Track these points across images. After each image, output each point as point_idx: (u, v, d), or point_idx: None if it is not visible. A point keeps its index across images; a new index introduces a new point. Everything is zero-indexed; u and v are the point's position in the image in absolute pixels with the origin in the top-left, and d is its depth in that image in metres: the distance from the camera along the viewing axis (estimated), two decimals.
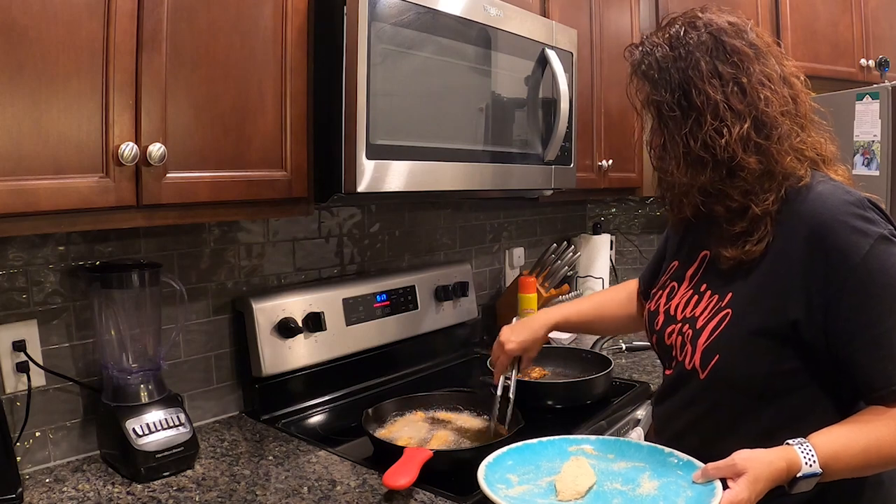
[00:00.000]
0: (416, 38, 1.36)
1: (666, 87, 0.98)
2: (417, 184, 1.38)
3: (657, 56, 0.99)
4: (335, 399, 1.69)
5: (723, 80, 0.95)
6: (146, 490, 1.20)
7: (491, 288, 2.39)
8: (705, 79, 0.95)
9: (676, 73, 0.97)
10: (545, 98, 1.72)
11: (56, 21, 0.95)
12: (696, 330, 1.03)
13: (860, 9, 2.67)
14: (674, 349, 1.08)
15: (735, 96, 0.94)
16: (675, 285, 1.13)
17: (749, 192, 0.96)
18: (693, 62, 0.96)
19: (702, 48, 0.96)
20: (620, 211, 2.89)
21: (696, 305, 1.05)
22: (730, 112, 0.94)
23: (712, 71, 0.95)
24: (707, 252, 1.08)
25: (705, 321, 1.01)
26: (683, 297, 1.09)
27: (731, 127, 0.93)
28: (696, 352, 1.02)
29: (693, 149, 0.96)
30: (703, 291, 1.05)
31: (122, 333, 1.29)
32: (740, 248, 0.97)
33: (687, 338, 1.04)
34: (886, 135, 2.20)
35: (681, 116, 0.97)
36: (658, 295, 1.17)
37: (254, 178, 1.23)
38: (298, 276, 1.73)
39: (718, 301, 1.01)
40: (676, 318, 1.08)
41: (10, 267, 1.24)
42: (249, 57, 1.20)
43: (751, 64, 0.95)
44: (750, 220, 0.96)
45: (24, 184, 0.94)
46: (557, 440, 1.11)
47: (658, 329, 1.13)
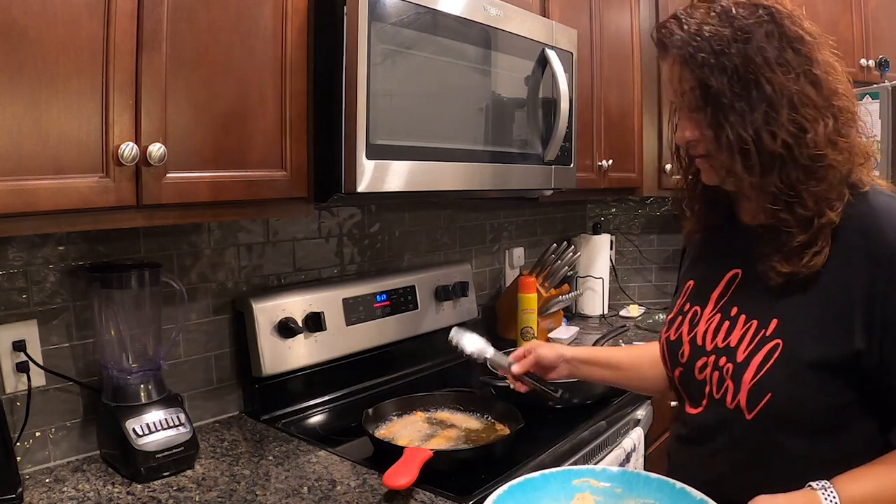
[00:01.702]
0: (416, 38, 1.36)
1: (724, 73, 0.83)
2: (417, 184, 1.38)
3: (706, 34, 0.84)
4: (335, 399, 1.69)
5: (792, 68, 0.83)
6: (146, 490, 1.20)
7: (491, 288, 2.39)
8: (773, 65, 0.82)
9: (737, 56, 0.83)
10: (545, 98, 1.72)
11: (56, 21, 0.95)
12: (737, 364, 0.90)
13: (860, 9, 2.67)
14: (707, 385, 0.95)
15: (810, 88, 0.83)
16: (698, 309, 1.01)
17: (825, 198, 0.84)
18: (756, 44, 0.82)
19: (760, 30, 0.83)
20: (620, 211, 2.89)
21: (730, 333, 0.93)
22: (809, 105, 0.82)
23: (778, 57, 0.83)
24: (738, 271, 0.96)
25: (748, 353, 0.89)
26: (710, 322, 0.97)
27: (813, 121, 0.82)
28: (740, 389, 0.89)
29: (766, 143, 0.83)
30: (735, 316, 0.94)
31: (122, 333, 1.29)
32: (797, 262, 0.85)
33: (726, 373, 0.92)
34: (886, 135, 2.20)
35: (745, 107, 0.83)
36: (677, 321, 1.05)
37: (254, 178, 1.23)
38: (298, 276, 1.73)
39: (760, 328, 0.89)
40: (706, 349, 0.96)
41: (10, 267, 1.24)
42: (249, 57, 1.20)
43: (816, 52, 0.85)
44: (815, 231, 0.84)
45: (24, 184, 0.94)
46: (560, 472, 1.01)
47: (685, 362, 1.00)
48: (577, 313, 2.66)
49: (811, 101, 0.83)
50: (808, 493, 0.82)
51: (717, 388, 0.94)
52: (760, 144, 0.83)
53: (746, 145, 0.84)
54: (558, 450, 1.40)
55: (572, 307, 2.65)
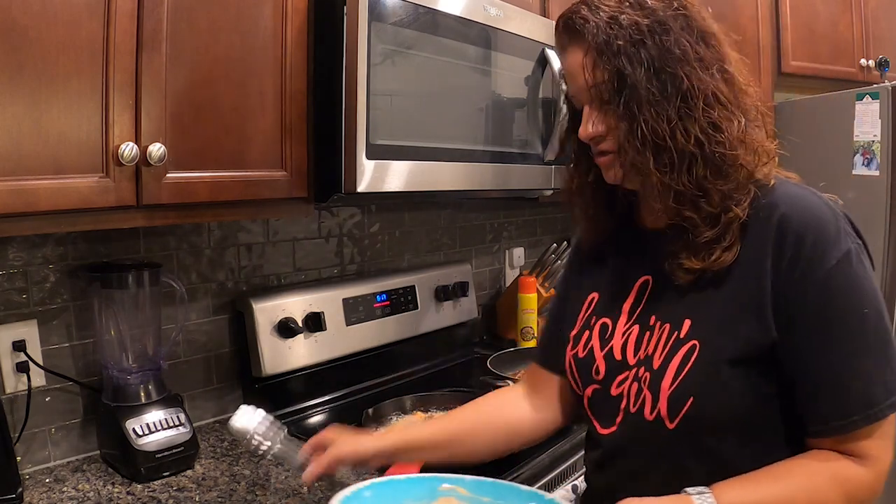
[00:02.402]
0: (416, 38, 1.36)
1: (641, 63, 0.79)
2: (417, 184, 1.38)
3: (623, 23, 0.80)
4: (335, 399, 1.69)
5: (706, 63, 0.80)
6: (146, 490, 1.20)
7: (491, 288, 2.39)
8: (690, 59, 0.79)
9: (655, 47, 0.79)
10: (545, 98, 1.71)
11: (56, 21, 0.95)
12: (654, 372, 0.85)
13: (860, 9, 2.68)
14: (623, 399, 0.89)
15: (723, 85, 0.81)
16: (608, 322, 0.94)
17: (731, 196, 0.81)
18: (674, 37, 0.79)
19: (677, 22, 0.80)
20: None
21: (649, 343, 0.87)
22: (722, 102, 0.80)
23: (694, 51, 0.80)
24: (647, 277, 0.91)
25: (663, 359, 0.84)
26: (627, 335, 0.90)
27: (727, 119, 0.80)
28: (658, 398, 0.84)
29: (679, 139, 0.79)
30: (654, 324, 0.88)
31: (122, 333, 1.29)
32: (706, 258, 0.82)
33: (644, 382, 0.86)
34: (886, 135, 2.20)
35: (661, 100, 0.79)
36: (584, 336, 0.96)
37: (254, 178, 1.23)
38: (298, 276, 1.73)
39: (673, 330, 0.85)
40: (629, 363, 0.89)
41: (10, 267, 1.24)
42: (249, 57, 1.20)
43: (727, 49, 0.83)
44: (722, 227, 0.81)
45: (24, 184, 0.94)
46: (429, 478, 0.92)
47: (601, 379, 0.92)
48: None
49: (724, 98, 0.80)
50: (681, 498, 0.78)
51: (633, 401, 0.88)
52: (674, 140, 0.79)
53: (660, 140, 0.80)
54: (558, 450, 1.40)
55: None
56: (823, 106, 2.44)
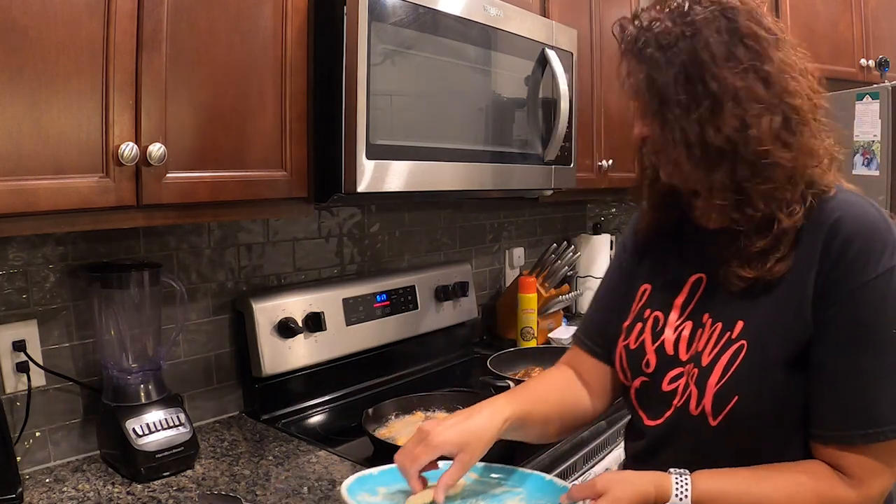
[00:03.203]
0: (416, 38, 1.36)
1: (670, 68, 0.83)
2: (417, 184, 1.38)
3: (656, 31, 0.84)
4: (335, 399, 1.69)
5: (740, 63, 0.81)
6: (146, 490, 1.20)
7: (491, 288, 2.39)
8: (719, 61, 0.81)
9: (684, 51, 0.82)
10: (545, 98, 1.72)
11: (56, 21, 0.95)
12: (702, 368, 0.87)
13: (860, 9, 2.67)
14: (675, 396, 0.91)
15: (758, 84, 0.81)
16: (660, 315, 0.96)
17: (775, 198, 0.82)
18: (703, 41, 0.81)
19: (711, 26, 0.82)
20: (620, 211, 2.89)
21: (700, 339, 0.90)
22: (754, 101, 0.81)
23: (727, 53, 0.81)
24: (701, 275, 0.93)
25: (713, 357, 0.87)
26: (679, 330, 0.93)
27: (759, 117, 0.80)
28: (704, 394, 0.86)
29: (710, 138, 0.81)
30: (706, 322, 0.90)
31: (122, 333, 1.29)
32: (759, 267, 0.83)
33: (691, 378, 0.88)
34: (886, 135, 2.20)
35: (690, 102, 0.82)
36: (637, 328, 0.99)
37: (254, 178, 1.23)
38: (298, 276, 1.73)
39: (725, 330, 0.87)
40: (681, 359, 0.91)
41: (10, 267, 1.24)
42: (249, 57, 1.20)
43: (771, 50, 0.82)
44: (775, 236, 0.83)
45: (24, 184, 0.94)
46: None
47: (650, 372, 0.95)
48: (577, 313, 2.66)
49: (757, 96, 0.81)
50: (659, 475, 0.82)
51: (680, 396, 0.90)
52: (704, 139, 0.82)
53: (693, 141, 0.83)
54: (558, 450, 1.40)
55: (572, 307, 2.65)
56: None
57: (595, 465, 1.47)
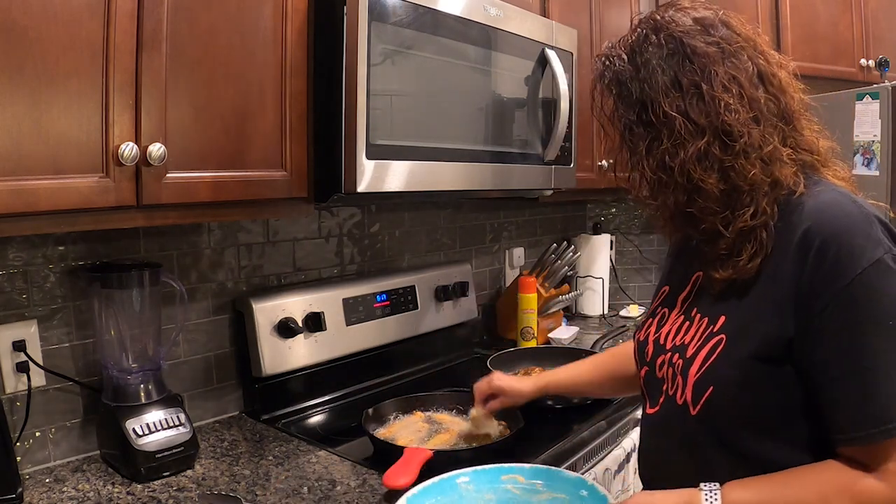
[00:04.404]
0: (417, 38, 1.36)
1: (626, 103, 0.91)
2: (417, 184, 1.38)
3: (616, 69, 0.91)
4: (335, 399, 1.69)
5: (683, 90, 0.85)
6: (146, 490, 1.20)
7: (491, 288, 2.39)
8: (662, 91, 0.86)
9: (635, 87, 0.89)
10: (545, 98, 1.72)
11: (56, 21, 0.95)
12: (686, 359, 0.91)
13: (860, 9, 2.67)
14: (664, 382, 0.96)
15: (694, 108, 0.85)
16: (667, 311, 1.03)
17: (715, 213, 0.87)
18: (650, 74, 0.87)
19: (660, 55, 0.87)
20: (620, 211, 2.89)
21: (687, 332, 0.94)
22: (687, 126, 0.85)
23: (671, 81, 0.86)
24: (699, 273, 0.97)
25: (696, 349, 0.90)
26: (675, 323, 0.98)
27: (686, 144, 0.85)
28: (686, 384, 0.90)
29: (652, 169, 0.88)
30: (694, 316, 0.95)
31: (122, 333, 1.29)
32: (730, 268, 0.88)
33: (677, 369, 0.93)
34: (886, 135, 2.20)
35: (643, 133, 0.89)
36: (648, 324, 1.06)
37: (254, 178, 1.23)
38: (298, 276, 1.73)
39: (709, 325, 0.91)
40: (666, 347, 0.97)
41: (10, 267, 1.24)
42: (249, 57, 1.20)
43: (714, 66, 0.85)
44: (732, 239, 0.87)
45: (24, 184, 0.94)
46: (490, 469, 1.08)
47: (649, 360, 1.01)
48: (577, 313, 2.66)
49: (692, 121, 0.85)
50: (690, 492, 0.84)
51: (670, 385, 0.95)
52: (648, 168, 0.89)
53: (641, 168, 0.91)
54: (558, 450, 1.40)
55: (572, 307, 2.65)
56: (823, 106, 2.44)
57: (595, 464, 1.47)
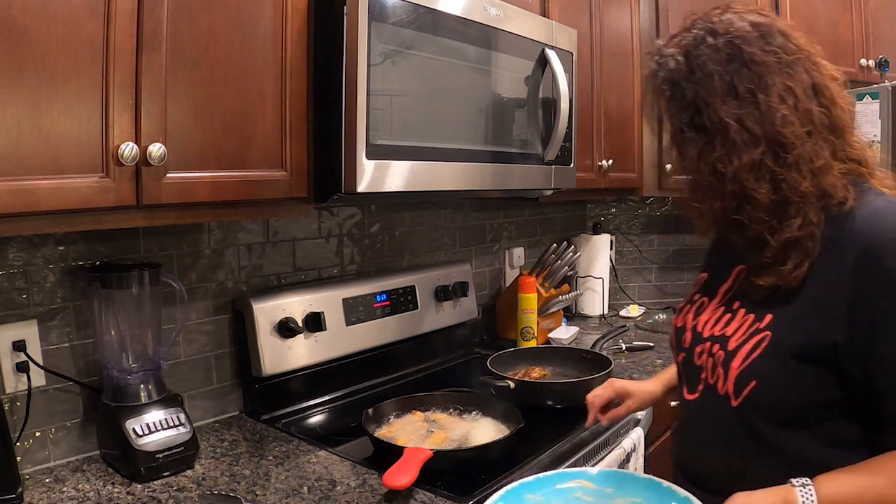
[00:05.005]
0: (417, 38, 1.36)
1: (679, 105, 0.91)
2: (417, 184, 1.38)
3: (669, 68, 0.91)
4: (335, 399, 1.69)
5: (739, 97, 0.86)
6: (146, 490, 1.20)
7: (491, 288, 2.39)
8: (718, 97, 0.87)
9: (689, 90, 0.89)
10: (545, 98, 1.72)
11: (56, 21, 0.95)
12: (728, 352, 0.94)
13: (860, 9, 2.67)
14: (703, 370, 0.99)
15: (750, 116, 0.86)
16: (706, 301, 1.05)
17: (763, 222, 0.88)
18: (706, 77, 0.87)
19: (717, 59, 0.87)
20: (620, 211, 2.89)
21: (728, 325, 0.97)
22: (742, 135, 0.86)
23: (727, 87, 0.86)
24: (744, 267, 0.98)
25: (739, 343, 0.93)
26: (714, 313, 1.01)
27: (741, 153, 0.86)
28: (728, 376, 0.93)
29: (704, 174, 0.89)
30: (737, 310, 0.97)
31: (122, 333, 1.29)
32: (774, 276, 0.89)
33: (718, 360, 0.96)
34: (886, 135, 2.20)
35: (695, 137, 0.90)
36: (686, 310, 1.08)
37: (254, 178, 1.23)
38: (298, 276, 1.73)
39: (755, 322, 0.92)
40: (703, 336, 1.00)
41: (10, 267, 1.24)
42: (249, 57, 1.20)
43: (772, 76, 0.86)
44: (777, 249, 0.88)
45: (24, 184, 0.94)
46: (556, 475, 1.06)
47: (687, 347, 1.04)
48: (577, 313, 2.66)
49: (748, 130, 0.86)
50: (785, 490, 0.85)
51: (711, 374, 0.98)
52: (700, 172, 0.91)
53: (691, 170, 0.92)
54: (558, 450, 1.40)
55: (572, 307, 2.65)
56: None
57: (595, 464, 1.47)
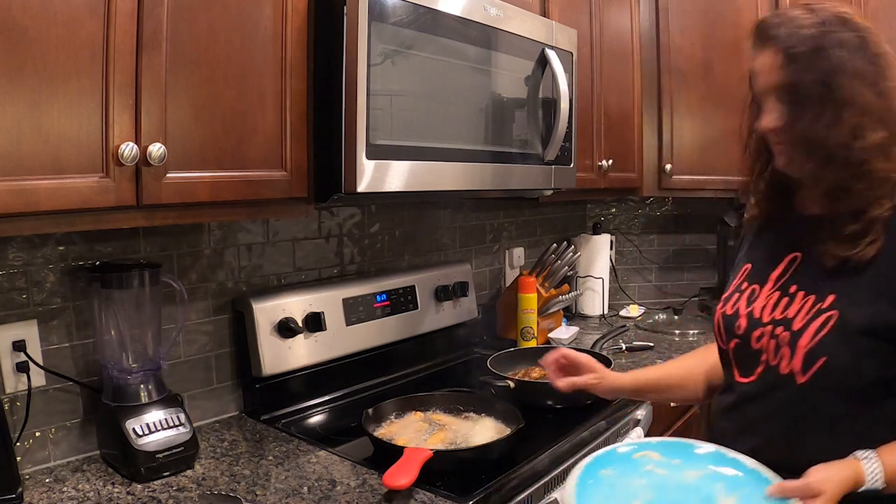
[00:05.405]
0: (417, 38, 1.36)
1: (812, 71, 0.94)
2: (417, 184, 1.38)
3: (806, 35, 0.95)
4: (335, 399, 1.69)
5: (867, 81, 0.94)
6: (146, 490, 1.20)
7: (491, 288, 2.39)
8: (851, 75, 0.93)
9: (827, 59, 0.94)
10: (545, 98, 1.72)
11: (56, 21, 0.95)
12: (794, 332, 0.98)
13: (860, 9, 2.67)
14: (764, 353, 1.03)
15: (877, 99, 0.93)
16: (757, 288, 1.08)
17: (869, 196, 0.95)
18: (842, 56, 0.94)
19: (850, 44, 0.94)
20: (620, 211, 2.89)
21: (788, 307, 1.01)
22: (870, 115, 0.93)
23: (859, 69, 0.93)
24: (797, 254, 1.05)
25: (805, 322, 0.98)
26: (769, 299, 1.05)
27: (869, 131, 0.93)
28: (795, 354, 0.97)
29: (827, 142, 0.94)
30: (794, 293, 1.02)
31: (122, 333, 1.29)
32: (852, 248, 0.95)
33: (783, 341, 0.99)
34: None
35: (818, 105, 0.94)
36: (734, 298, 1.11)
37: (254, 178, 1.23)
38: (298, 276, 1.73)
39: (817, 302, 0.98)
40: (763, 321, 1.03)
41: (10, 267, 1.24)
42: (249, 57, 1.20)
43: (892, 69, 0.95)
44: (865, 222, 0.95)
45: (24, 184, 0.94)
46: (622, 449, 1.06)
47: (741, 333, 1.07)
48: (577, 313, 2.66)
49: (871, 110, 0.93)
50: (853, 464, 0.88)
51: (773, 356, 1.01)
52: (825, 140, 0.94)
53: (816, 138, 0.95)
54: (558, 450, 1.40)
55: (572, 307, 2.65)
56: None
57: None
